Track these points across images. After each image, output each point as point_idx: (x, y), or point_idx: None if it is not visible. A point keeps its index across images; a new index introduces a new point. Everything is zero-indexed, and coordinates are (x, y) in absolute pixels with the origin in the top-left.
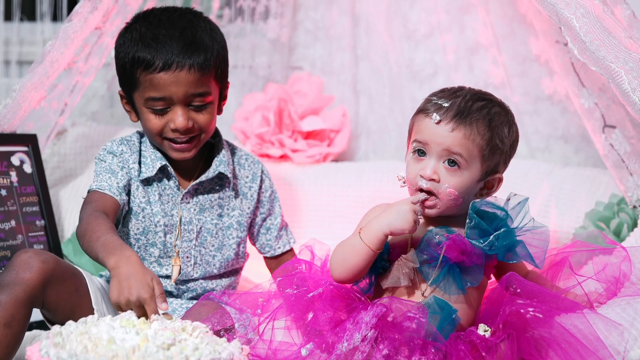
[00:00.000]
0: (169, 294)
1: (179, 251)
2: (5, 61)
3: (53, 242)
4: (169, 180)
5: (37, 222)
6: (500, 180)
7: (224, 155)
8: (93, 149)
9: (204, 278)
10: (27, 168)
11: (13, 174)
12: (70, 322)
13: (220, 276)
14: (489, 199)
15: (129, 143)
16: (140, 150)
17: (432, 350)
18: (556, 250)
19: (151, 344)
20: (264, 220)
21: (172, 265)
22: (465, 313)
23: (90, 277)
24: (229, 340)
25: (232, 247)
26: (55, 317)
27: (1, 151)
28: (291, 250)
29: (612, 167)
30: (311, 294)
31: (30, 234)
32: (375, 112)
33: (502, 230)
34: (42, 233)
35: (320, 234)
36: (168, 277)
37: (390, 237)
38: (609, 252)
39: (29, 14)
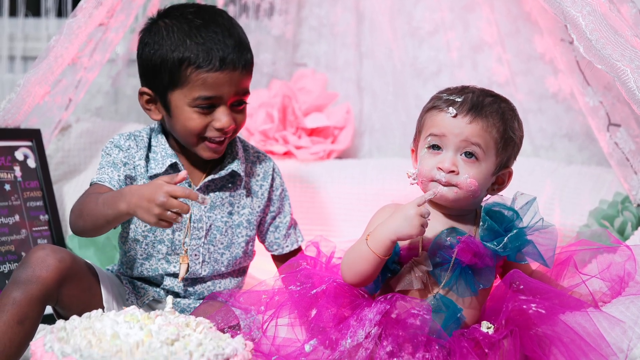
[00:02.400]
0: (176, 295)
1: (187, 249)
2: (10, 57)
3: (57, 237)
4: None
5: (41, 217)
6: (510, 174)
7: (237, 153)
8: (97, 144)
9: (212, 278)
10: (31, 163)
11: (17, 168)
12: (74, 317)
13: (228, 275)
14: (497, 199)
15: (137, 138)
16: (150, 145)
17: (436, 347)
18: (560, 249)
19: (155, 339)
20: (274, 218)
21: (180, 263)
22: (473, 314)
23: (102, 272)
24: (232, 336)
25: (241, 245)
26: (67, 314)
27: (5, 146)
28: (299, 248)
29: (617, 166)
30: (315, 291)
31: (34, 229)
32: (378, 110)
33: (515, 231)
34: (46, 227)
35: (324, 230)
36: (176, 275)
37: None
38: (613, 251)
39: (34, 9)
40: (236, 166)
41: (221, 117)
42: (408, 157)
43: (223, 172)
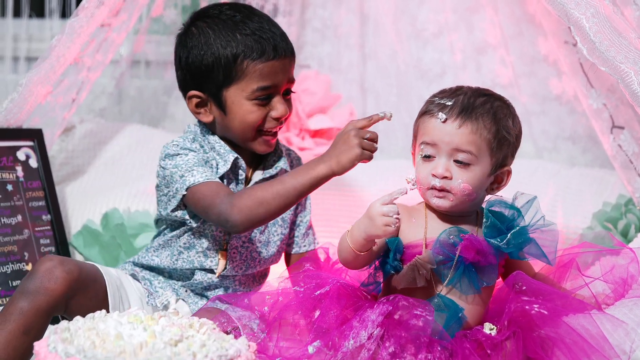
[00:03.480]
0: (205, 288)
1: (227, 246)
2: (14, 57)
3: (59, 237)
4: (234, 174)
5: (44, 217)
6: (509, 173)
7: (281, 150)
8: (101, 145)
9: (240, 277)
10: (33, 163)
11: (19, 168)
12: (78, 318)
13: (254, 276)
14: (500, 197)
15: (198, 141)
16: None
17: (439, 349)
18: (562, 251)
19: (158, 340)
20: (296, 215)
21: (219, 259)
22: (476, 313)
23: (110, 275)
24: (236, 337)
25: (277, 243)
26: None
27: (7, 146)
28: (314, 251)
29: (620, 168)
30: (318, 292)
31: (36, 229)
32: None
33: (518, 227)
34: (49, 227)
35: (326, 232)
36: (211, 270)
37: (403, 237)
38: (616, 254)
39: (38, 10)
40: (283, 164)
41: (278, 106)
42: (411, 159)
43: (273, 171)
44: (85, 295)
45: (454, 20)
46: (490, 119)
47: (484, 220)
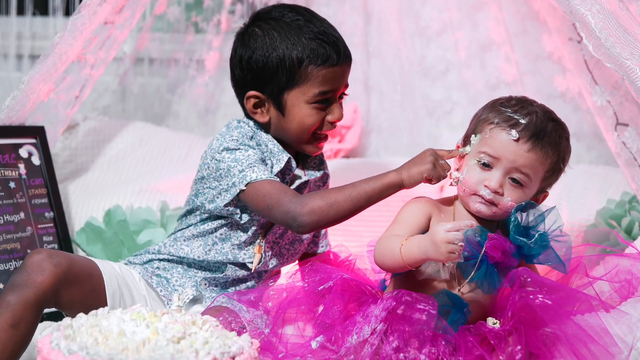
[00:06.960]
0: (230, 283)
1: (263, 240)
2: (18, 55)
3: (62, 234)
4: (282, 174)
5: (46, 214)
6: (546, 195)
7: (322, 154)
8: (104, 143)
9: (264, 274)
10: (36, 160)
11: (21, 166)
12: (80, 315)
13: (269, 279)
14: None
15: (255, 139)
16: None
17: (442, 343)
18: None
19: (161, 337)
20: None
21: (255, 253)
22: (482, 310)
23: (111, 271)
24: (239, 334)
25: (303, 242)
26: (72, 316)
27: (9, 143)
28: (327, 252)
29: (624, 165)
30: (322, 287)
31: (39, 226)
32: (386, 109)
33: (542, 230)
34: (52, 225)
35: (330, 230)
36: (243, 264)
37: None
38: (620, 254)
39: (42, 8)
40: (325, 168)
41: (335, 110)
42: (456, 161)
43: (317, 174)
44: (78, 289)
45: (458, 18)
46: (555, 149)
47: (512, 219)
